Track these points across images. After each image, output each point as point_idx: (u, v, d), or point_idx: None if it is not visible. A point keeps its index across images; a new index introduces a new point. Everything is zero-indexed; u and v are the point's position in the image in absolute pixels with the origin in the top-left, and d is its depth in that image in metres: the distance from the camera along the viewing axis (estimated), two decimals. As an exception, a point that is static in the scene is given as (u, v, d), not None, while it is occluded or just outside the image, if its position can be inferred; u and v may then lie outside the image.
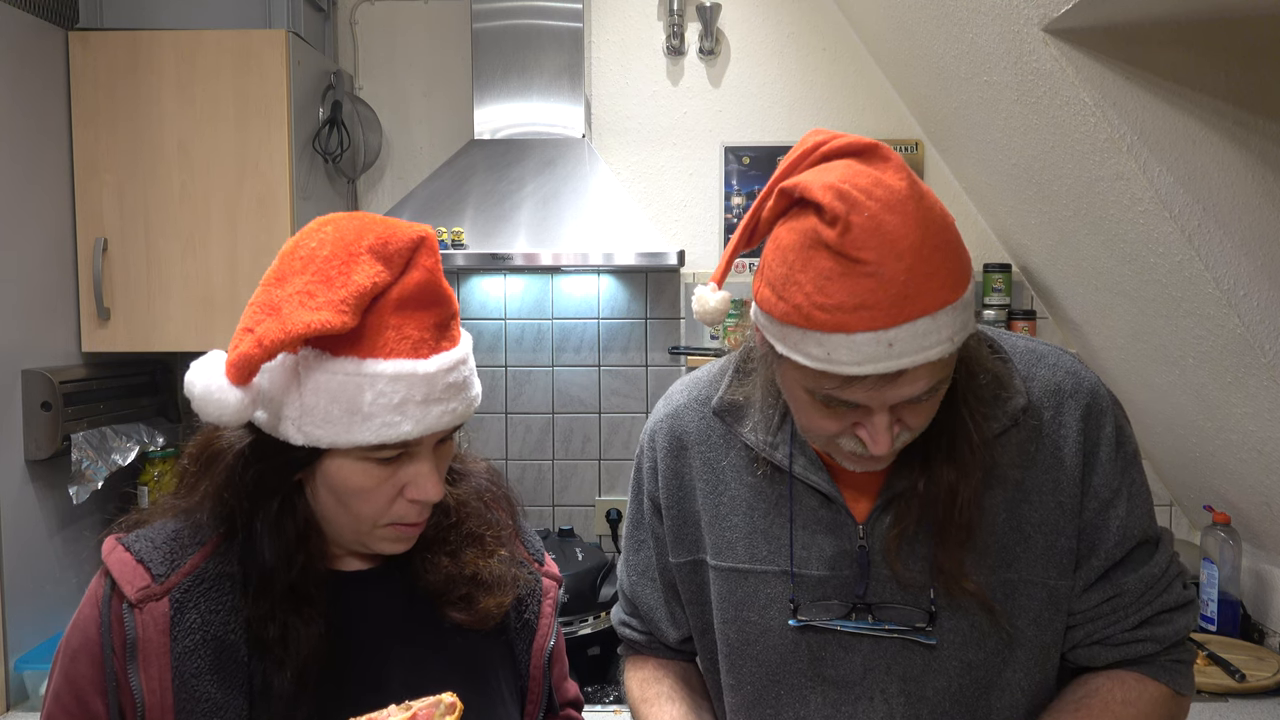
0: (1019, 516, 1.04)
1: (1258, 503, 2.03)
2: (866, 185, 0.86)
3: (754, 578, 1.10)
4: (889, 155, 0.90)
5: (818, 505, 1.08)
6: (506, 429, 2.73)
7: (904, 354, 0.86)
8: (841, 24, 2.64)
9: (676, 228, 2.70)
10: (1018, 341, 1.11)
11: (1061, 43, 1.61)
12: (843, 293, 0.85)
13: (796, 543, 1.08)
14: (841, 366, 0.87)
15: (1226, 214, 1.65)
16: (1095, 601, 1.06)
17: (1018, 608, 1.04)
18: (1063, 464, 1.04)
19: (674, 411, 1.19)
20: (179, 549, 0.97)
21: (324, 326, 0.84)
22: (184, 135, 2.24)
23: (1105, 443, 1.05)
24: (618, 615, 1.30)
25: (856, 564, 1.05)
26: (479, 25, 2.51)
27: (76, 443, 2.15)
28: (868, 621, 1.05)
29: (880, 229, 0.84)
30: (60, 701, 0.95)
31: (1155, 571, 1.06)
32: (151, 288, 2.26)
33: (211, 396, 0.84)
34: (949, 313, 0.87)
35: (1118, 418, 1.08)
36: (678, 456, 1.16)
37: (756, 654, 1.10)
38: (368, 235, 0.89)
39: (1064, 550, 1.04)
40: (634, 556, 1.25)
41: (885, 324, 0.85)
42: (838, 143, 0.92)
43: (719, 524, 1.12)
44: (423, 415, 0.90)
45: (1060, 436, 1.05)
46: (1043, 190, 2.09)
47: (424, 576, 1.02)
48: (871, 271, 0.84)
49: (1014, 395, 1.04)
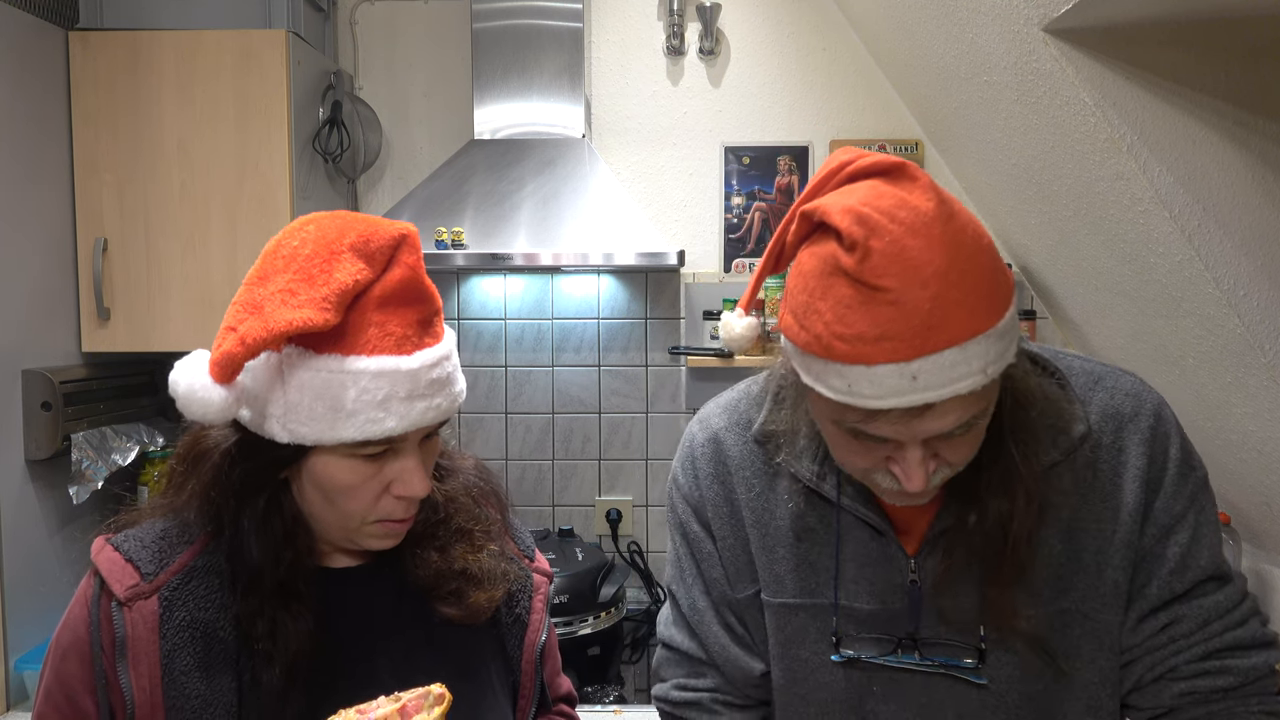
0: (1075, 545, 0.98)
1: (1258, 503, 2.02)
2: (889, 207, 0.81)
3: (804, 613, 1.05)
4: (917, 175, 0.85)
5: (868, 538, 1.03)
6: (506, 429, 2.73)
7: (929, 387, 0.80)
8: (841, 24, 2.64)
9: (676, 228, 2.70)
10: (1073, 362, 1.05)
11: (1061, 43, 1.61)
12: (863, 322, 0.80)
13: (845, 575, 1.03)
14: (863, 400, 0.82)
15: (1226, 214, 1.65)
16: (1149, 632, 0.99)
17: (1071, 641, 0.99)
18: (1121, 492, 0.98)
19: (714, 436, 1.12)
20: (168, 548, 0.97)
21: (306, 324, 0.84)
22: (184, 135, 2.24)
23: (1170, 467, 0.99)
24: (665, 689, 1.16)
25: (908, 598, 1.01)
26: (479, 25, 2.51)
27: (76, 443, 2.15)
28: (915, 658, 1.00)
29: (902, 255, 0.79)
30: (51, 700, 0.96)
31: (1222, 603, 0.99)
32: (151, 288, 2.27)
33: (195, 395, 0.85)
34: (981, 343, 0.81)
35: (1183, 439, 1.01)
36: (723, 483, 1.10)
37: (805, 692, 1.06)
38: (349, 233, 0.89)
39: (1113, 583, 0.99)
40: (688, 595, 1.14)
41: (908, 355, 0.79)
42: (863, 162, 0.87)
43: (767, 555, 1.07)
44: (407, 411, 0.90)
45: (1120, 464, 0.99)
46: (1043, 190, 2.09)
47: (413, 572, 1.03)
48: (893, 300, 0.79)
49: (1073, 423, 0.98)
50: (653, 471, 2.73)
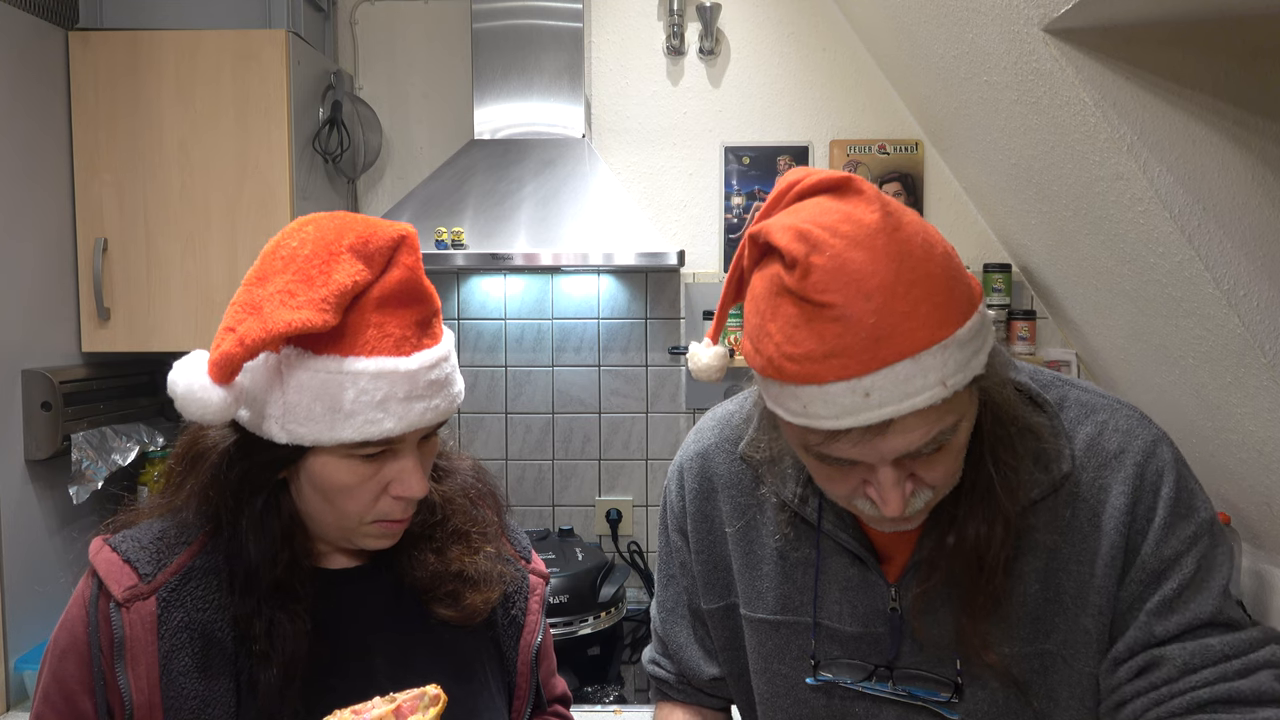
0: (1054, 586, 0.94)
1: (1258, 503, 2.02)
2: (832, 223, 0.79)
3: (785, 629, 1.05)
4: (863, 188, 0.83)
5: (848, 563, 1.01)
6: (506, 429, 2.73)
7: (885, 402, 0.78)
8: (841, 24, 2.64)
9: (676, 228, 2.70)
10: (1070, 392, 0.99)
11: (1061, 43, 1.61)
12: (810, 340, 0.78)
13: (828, 597, 1.02)
14: (819, 420, 0.80)
15: (1226, 214, 1.64)
16: (1126, 676, 0.92)
17: (1049, 684, 0.95)
18: (1100, 534, 0.93)
19: (703, 451, 1.12)
20: (165, 548, 0.97)
21: (305, 325, 0.84)
22: (184, 135, 2.24)
23: (1160, 509, 0.92)
24: (649, 654, 1.24)
25: (889, 624, 0.99)
26: (479, 25, 2.51)
27: (76, 443, 2.15)
28: (888, 686, 0.99)
29: (844, 268, 0.77)
30: (49, 701, 0.96)
31: (1217, 647, 0.89)
32: (151, 288, 2.27)
33: (194, 396, 0.85)
34: (936, 353, 0.78)
35: (1181, 479, 0.94)
36: (707, 499, 1.10)
37: (786, 706, 1.06)
38: (348, 234, 0.89)
39: (1085, 629, 0.93)
40: (664, 593, 1.19)
41: (858, 371, 0.77)
42: (810, 180, 0.85)
43: (749, 572, 1.07)
44: (405, 412, 0.90)
45: (1100, 503, 0.93)
46: (1043, 190, 2.09)
47: (410, 573, 1.03)
48: (837, 315, 0.77)
49: (1057, 459, 0.94)
50: (653, 471, 2.73)
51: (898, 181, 2.63)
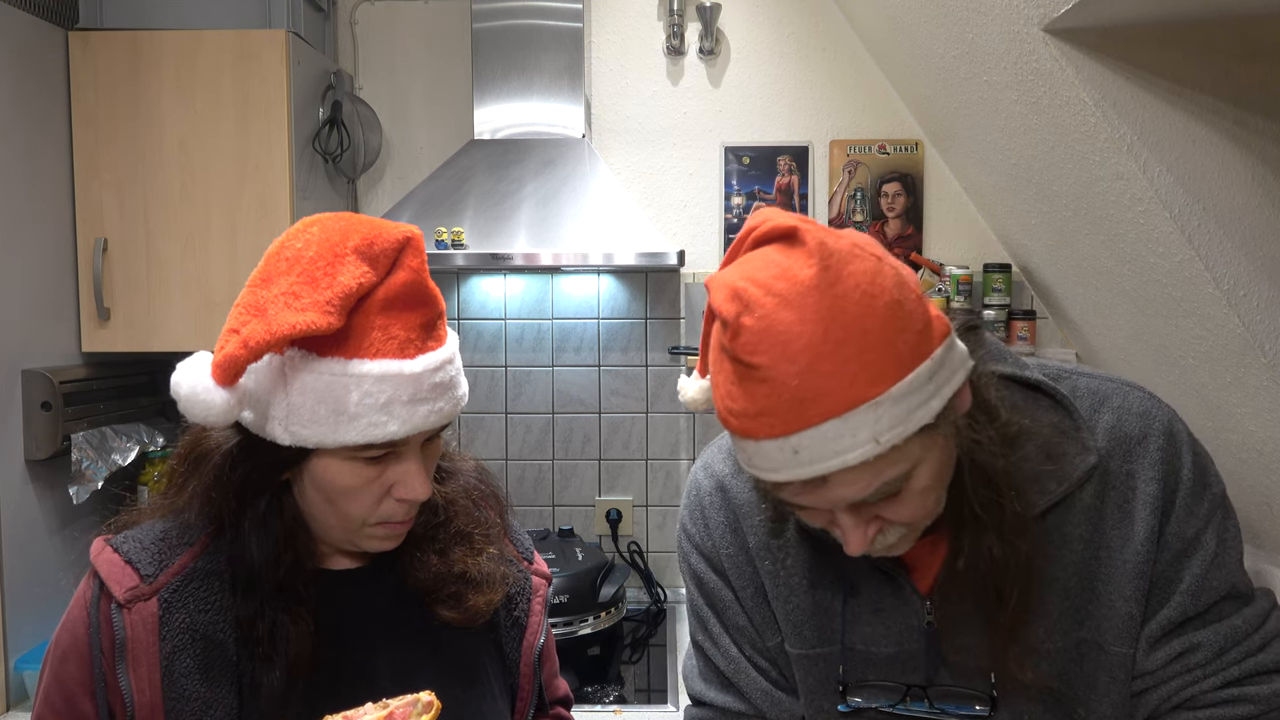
0: (1089, 576, 0.96)
1: (1258, 503, 2.02)
2: (768, 280, 0.79)
3: (822, 662, 1.03)
4: (806, 238, 0.81)
5: (880, 582, 1.00)
6: (506, 429, 2.73)
7: (813, 460, 0.78)
8: (841, 24, 2.64)
9: (676, 228, 2.70)
10: (1078, 381, 1.01)
11: (1061, 43, 1.61)
12: (743, 399, 0.80)
13: (860, 620, 1.01)
14: (760, 472, 0.83)
15: (1226, 214, 1.64)
16: (1164, 660, 0.95)
17: (1087, 672, 0.96)
18: (1133, 521, 0.95)
19: (720, 484, 1.09)
20: (167, 549, 0.97)
21: (309, 327, 0.84)
22: (184, 135, 2.24)
23: (1183, 488, 0.95)
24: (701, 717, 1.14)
25: (924, 639, 0.99)
26: (479, 25, 2.51)
27: (76, 443, 2.15)
28: (924, 706, 0.98)
29: (770, 330, 0.77)
30: (50, 702, 0.96)
31: (1241, 627, 0.95)
32: (151, 288, 2.26)
33: (197, 397, 0.85)
34: (865, 412, 0.77)
35: (1197, 456, 0.97)
36: (735, 531, 1.08)
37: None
38: (353, 236, 0.89)
39: (1126, 615, 0.95)
40: (716, 649, 1.10)
41: (784, 431, 0.78)
42: (763, 229, 0.85)
43: (783, 605, 1.05)
44: (409, 415, 0.90)
45: (1130, 490, 0.95)
46: (1043, 190, 2.09)
47: (413, 574, 1.03)
48: (764, 377, 0.78)
49: (1079, 455, 0.95)
50: (653, 471, 2.73)
51: (898, 181, 2.63)
